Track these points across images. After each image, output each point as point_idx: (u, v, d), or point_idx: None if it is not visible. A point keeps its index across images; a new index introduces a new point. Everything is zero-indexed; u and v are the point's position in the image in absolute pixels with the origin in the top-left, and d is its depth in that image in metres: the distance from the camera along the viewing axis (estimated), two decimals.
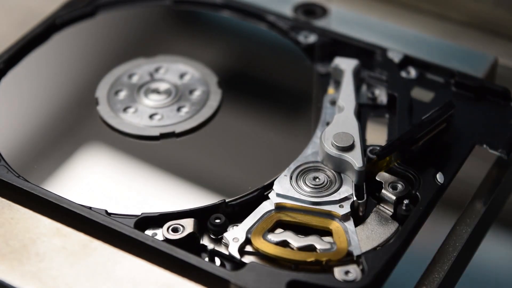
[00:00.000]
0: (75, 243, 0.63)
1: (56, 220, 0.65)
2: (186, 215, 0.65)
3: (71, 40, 0.83)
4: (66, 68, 0.82)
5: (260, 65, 0.84)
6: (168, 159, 0.73)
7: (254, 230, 0.63)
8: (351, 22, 0.81)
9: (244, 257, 0.62)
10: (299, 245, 0.62)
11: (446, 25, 0.85)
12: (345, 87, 0.74)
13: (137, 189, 0.70)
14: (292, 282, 0.59)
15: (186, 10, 0.87)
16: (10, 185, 0.67)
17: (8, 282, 0.61)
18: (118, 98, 0.77)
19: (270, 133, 0.76)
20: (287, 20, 0.83)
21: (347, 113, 0.71)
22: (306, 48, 0.80)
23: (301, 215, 0.64)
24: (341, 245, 0.62)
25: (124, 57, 0.81)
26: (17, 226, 0.65)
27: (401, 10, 0.87)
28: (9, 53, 0.79)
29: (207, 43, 0.85)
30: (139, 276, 0.61)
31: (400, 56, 0.77)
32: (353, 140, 0.68)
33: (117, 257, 0.63)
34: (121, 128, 0.74)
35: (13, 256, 0.63)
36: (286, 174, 0.67)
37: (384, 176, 0.67)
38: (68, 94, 0.80)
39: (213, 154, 0.73)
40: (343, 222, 0.64)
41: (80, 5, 0.85)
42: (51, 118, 0.77)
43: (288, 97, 0.79)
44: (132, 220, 0.64)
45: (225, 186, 0.70)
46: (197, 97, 0.77)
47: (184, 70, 0.80)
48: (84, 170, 0.72)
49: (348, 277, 0.60)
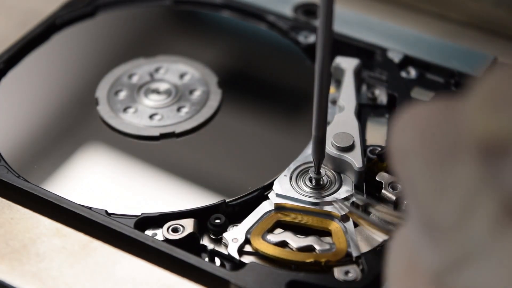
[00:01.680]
0: (75, 243, 0.64)
1: (56, 220, 0.65)
2: (186, 215, 0.65)
3: (71, 40, 0.83)
4: (66, 68, 0.82)
5: (260, 65, 0.84)
6: (168, 159, 0.73)
7: (253, 230, 0.63)
8: (351, 22, 0.81)
9: (244, 257, 0.62)
10: (298, 245, 0.62)
11: (446, 25, 0.85)
12: (346, 86, 0.74)
13: (137, 189, 0.70)
14: (292, 282, 0.59)
15: (186, 10, 0.87)
16: (10, 185, 0.67)
17: (8, 282, 0.61)
18: (118, 98, 0.77)
19: (270, 133, 0.76)
20: (287, 20, 0.82)
21: (347, 113, 0.71)
22: (306, 48, 0.80)
23: (300, 215, 0.64)
24: (340, 245, 0.62)
25: (124, 57, 0.81)
26: (17, 226, 0.65)
27: (401, 10, 0.87)
28: (9, 53, 0.79)
29: (207, 43, 0.85)
30: (139, 276, 0.61)
31: (400, 56, 0.77)
32: (353, 140, 0.68)
33: (117, 257, 0.63)
34: (121, 128, 0.74)
35: (13, 256, 0.63)
36: (286, 174, 0.67)
37: (384, 176, 0.67)
38: (68, 94, 0.80)
39: (213, 154, 0.73)
40: (343, 222, 0.64)
41: (80, 5, 0.85)
42: (51, 118, 0.77)
43: (288, 97, 0.79)
44: (132, 220, 0.64)
45: (225, 186, 0.70)
46: (197, 97, 0.77)
47: (184, 70, 0.80)
48: (84, 170, 0.72)
49: (348, 277, 0.60)
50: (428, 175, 0.38)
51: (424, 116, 0.39)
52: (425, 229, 0.38)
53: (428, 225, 0.38)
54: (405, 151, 0.39)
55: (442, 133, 0.38)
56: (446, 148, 0.38)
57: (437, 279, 0.38)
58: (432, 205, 0.38)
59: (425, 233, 0.38)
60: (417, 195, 0.38)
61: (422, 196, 0.38)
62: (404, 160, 0.39)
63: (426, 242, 0.38)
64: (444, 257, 0.37)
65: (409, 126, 0.39)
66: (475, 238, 0.36)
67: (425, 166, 0.38)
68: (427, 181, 0.38)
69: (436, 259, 0.38)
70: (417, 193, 0.38)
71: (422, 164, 0.38)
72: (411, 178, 0.39)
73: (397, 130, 0.40)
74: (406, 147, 0.39)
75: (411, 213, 0.40)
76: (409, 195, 0.39)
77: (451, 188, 0.37)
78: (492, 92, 0.36)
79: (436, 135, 0.38)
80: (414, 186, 0.39)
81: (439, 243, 0.37)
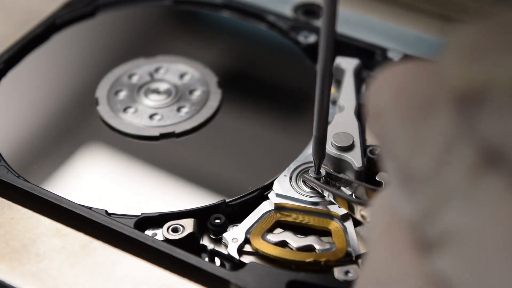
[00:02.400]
0: (75, 243, 0.64)
1: (56, 220, 0.65)
2: (186, 215, 0.65)
3: (71, 40, 0.83)
4: (66, 68, 0.82)
5: (260, 65, 0.84)
6: (168, 159, 0.73)
7: (253, 230, 0.63)
8: (351, 22, 0.81)
9: (243, 257, 0.62)
10: (298, 245, 0.62)
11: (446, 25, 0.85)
12: (346, 86, 0.74)
13: (137, 189, 0.70)
14: (292, 282, 0.59)
15: (186, 10, 0.87)
16: (10, 185, 0.67)
17: (8, 282, 0.61)
18: (118, 98, 0.77)
19: (270, 133, 0.76)
20: (287, 20, 0.82)
21: (347, 113, 0.71)
22: (306, 48, 0.80)
23: (300, 215, 0.64)
24: (340, 245, 0.62)
25: (124, 57, 0.81)
26: (17, 226, 0.65)
27: (401, 10, 0.87)
28: (9, 53, 0.79)
29: (207, 43, 0.85)
30: (139, 276, 0.61)
31: (400, 56, 0.77)
32: (353, 140, 0.68)
33: (117, 257, 0.63)
34: (121, 128, 0.74)
35: (13, 256, 0.63)
36: (286, 174, 0.67)
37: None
38: (68, 94, 0.80)
39: (213, 154, 0.73)
40: (343, 222, 0.64)
41: (80, 5, 0.85)
42: (51, 118, 0.77)
43: (288, 97, 0.79)
44: (132, 220, 0.64)
45: (225, 186, 0.70)
46: (197, 97, 0.77)
47: (184, 70, 0.80)
48: (84, 170, 0.72)
49: (348, 277, 0.60)
50: (404, 129, 0.38)
51: (400, 74, 0.39)
52: (402, 183, 0.38)
53: (405, 178, 0.38)
54: (381, 108, 0.39)
55: (417, 88, 0.38)
56: (421, 102, 0.38)
57: (415, 230, 0.38)
58: (409, 158, 0.38)
59: (402, 187, 0.38)
60: (394, 150, 0.38)
61: (398, 150, 0.38)
62: (380, 117, 0.39)
63: (404, 195, 0.38)
64: (420, 206, 0.37)
65: (385, 84, 0.40)
66: (451, 184, 0.36)
67: (401, 121, 0.38)
68: (403, 135, 0.38)
69: (413, 209, 0.38)
70: (394, 148, 0.38)
71: (398, 119, 0.38)
72: (388, 135, 0.39)
73: (373, 89, 0.40)
74: (382, 104, 0.39)
75: (389, 171, 0.40)
76: (386, 152, 0.39)
77: (427, 140, 0.37)
78: (465, 45, 0.36)
79: (411, 90, 0.38)
80: (390, 142, 0.39)
81: (415, 193, 0.37)
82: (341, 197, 0.62)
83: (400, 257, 0.39)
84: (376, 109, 0.40)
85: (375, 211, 0.43)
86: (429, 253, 0.37)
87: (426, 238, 0.37)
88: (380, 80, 0.40)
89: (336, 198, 0.63)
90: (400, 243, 0.39)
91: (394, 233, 0.40)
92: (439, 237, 0.37)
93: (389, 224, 0.41)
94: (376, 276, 0.40)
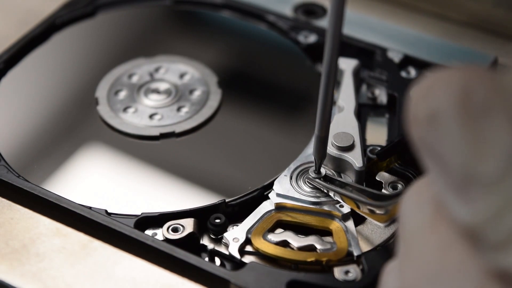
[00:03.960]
0: (75, 243, 0.63)
1: (56, 220, 0.65)
2: (186, 215, 0.65)
3: (71, 40, 0.83)
4: (66, 68, 0.82)
5: (260, 65, 0.84)
6: (168, 159, 0.73)
7: (254, 230, 0.63)
8: (351, 22, 0.81)
9: (244, 257, 0.62)
10: (299, 245, 0.62)
11: (446, 25, 0.85)
12: (345, 87, 0.74)
13: (137, 189, 0.70)
14: (292, 282, 0.59)
15: (186, 10, 0.87)
16: (10, 185, 0.67)
17: (8, 282, 0.61)
18: (118, 98, 0.77)
19: (270, 133, 0.76)
20: (287, 20, 0.83)
21: (347, 113, 0.71)
22: (306, 48, 0.80)
23: (301, 215, 0.64)
24: (341, 245, 0.62)
25: (124, 57, 0.81)
26: (17, 226, 0.65)
27: (401, 10, 0.87)
28: (9, 53, 0.79)
29: (207, 43, 0.85)
30: (139, 276, 0.61)
31: (400, 56, 0.77)
32: (353, 140, 0.68)
33: (117, 257, 0.63)
34: (121, 128, 0.74)
35: (13, 256, 0.63)
36: (286, 174, 0.67)
37: (384, 176, 0.67)
38: (68, 94, 0.80)
39: (213, 154, 0.73)
40: (343, 222, 0.64)
41: (80, 5, 0.85)
42: (51, 118, 0.77)
43: (288, 97, 0.79)
44: (132, 220, 0.64)
45: (225, 186, 0.70)
46: (197, 97, 0.77)
47: (184, 70, 0.80)
48: (84, 170, 0.72)
49: (348, 277, 0.60)
50: (465, 133, 0.38)
51: (459, 78, 0.39)
52: (458, 187, 0.38)
53: (463, 182, 0.38)
54: (438, 111, 0.39)
55: (482, 95, 0.38)
56: (484, 108, 0.38)
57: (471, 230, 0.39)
58: (472, 162, 0.37)
59: (458, 190, 0.38)
60: (449, 154, 0.38)
61: (457, 154, 0.38)
62: (435, 120, 0.39)
63: (460, 198, 0.38)
64: (485, 208, 0.38)
65: (442, 87, 0.39)
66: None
67: (462, 125, 0.38)
68: (465, 139, 0.38)
69: (473, 211, 0.38)
70: (450, 152, 0.38)
71: (458, 123, 0.38)
72: (443, 138, 0.38)
73: (425, 91, 0.39)
74: (438, 106, 0.39)
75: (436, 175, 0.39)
76: (434, 156, 0.39)
77: (491, 145, 0.37)
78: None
79: (476, 96, 0.38)
80: (446, 145, 0.38)
81: (478, 196, 0.38)
82: (349, 197, 0.62)
83: (451, 253, 0.40)
84: (429, 111, 0.39)
85: (409, 210, 0.43)
86: (492, 251, 0.38)
87: (488, 238, 0.38)
88: (433, 83, 0.39)
89: (342, 196, 0.63)
90: (449, 240, 0.40)
91: (440, 230, 0.40)
92: (507, 237, 0.37)
93: (432, 222, 0.41)
94: (425, 271, 0.41)
